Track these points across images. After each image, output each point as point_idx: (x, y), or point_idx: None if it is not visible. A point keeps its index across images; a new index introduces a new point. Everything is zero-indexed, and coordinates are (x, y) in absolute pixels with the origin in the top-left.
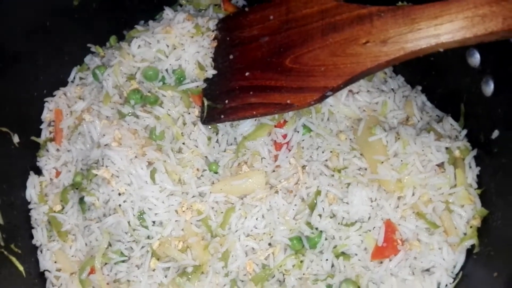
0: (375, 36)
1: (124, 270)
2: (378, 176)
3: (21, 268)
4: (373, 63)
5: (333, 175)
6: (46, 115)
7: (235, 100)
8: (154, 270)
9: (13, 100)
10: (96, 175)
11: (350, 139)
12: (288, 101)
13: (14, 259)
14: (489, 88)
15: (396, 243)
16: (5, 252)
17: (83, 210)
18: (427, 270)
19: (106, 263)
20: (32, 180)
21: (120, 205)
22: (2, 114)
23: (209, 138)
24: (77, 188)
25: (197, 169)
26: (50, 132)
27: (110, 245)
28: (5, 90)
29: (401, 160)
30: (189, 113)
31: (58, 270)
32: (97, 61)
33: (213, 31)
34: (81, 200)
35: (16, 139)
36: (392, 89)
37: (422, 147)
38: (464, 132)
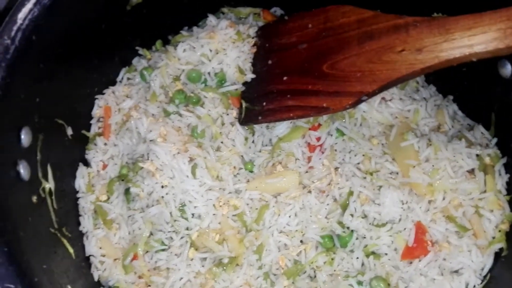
0: (410, 44)
1: (164, 258)
2: (409, 180)
3: (71, 250)
4: (408, 70)
5: (365, 177)
6: (96, 111)
7: (273, 102)
8: (192, 259)
9: (68, 96)
10: (142, 168)
11: (382, 144)
12: (324, 105)
13: (65, 241)
14: None
15: (426, 244)
16: (59, 234)
17: (128, 200)
18: (456, 271)
19: (147, 251)
20: (81, 171)
21: (162, 197)
22: (59, 108)
23: (246, 139)
24: (122, 180)
25: (234, 167)
26: (99, 127)
27: (151, 234)
28: (61, 87)
29: (433, 165)
30: (228, 114)
31: (103, 255)
32: (144, 63)
33: (253, 37)
34: (127, 191)
35: (69, 131)
36: (424, 98)
37: (454, 153)
38: (495, 140)
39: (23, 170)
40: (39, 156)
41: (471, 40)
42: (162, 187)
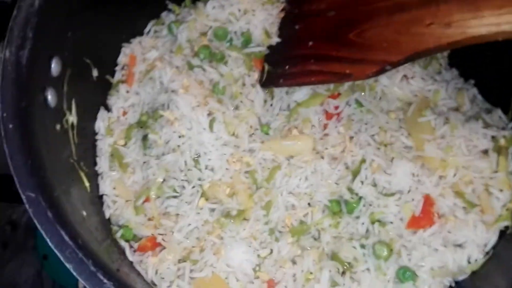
0: (439, 19)
1: (174, 205)
2: (423, 153)
3: (86, 184)
4: (436, 43)
5: (379, 148)
6: (122, 59)
7: (296, 66)
8: (201, 208)
9: (97, 39)
10: (162, 116)
11: (400, 119)
12: (347, 71)
13: (82, 174)
14: None
15: (432, 216)
16: (77, 166)
17: (145, 146)
18: (459, 245)
19: (159, 196)
20: (102, 114)
21: (179, 146)
22: (87, 48)
23: (265, 101)
24: (141, 127)
25: (251, 126)
26: (123, 75)
27: (164, 180)
28: (92, 28)
29: (447, 142)
30: (249, 76)
31: (116, 195)
32: (172, 18)
33: (282, 2)
34: (144, 137)
35: (95, 73)
36: (446, 80)
37: (470, 132)
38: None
39: (51, 96)
40: (66, 88)
41: (499, 18)
42: (180, 136)
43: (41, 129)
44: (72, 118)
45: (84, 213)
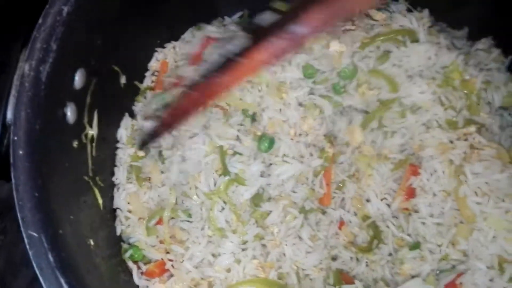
0: None
1: (186, 228)
2: None
3: (100, 201)
4: None
5: None
6: (153, 64)
7: None
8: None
9: (129, 43)
10: None
11: None
12: None
13: (96, 191)
14: None
15: None
16: (91, 183)
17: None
18: None
19: (172, 218)
20: (126, 121)
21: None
22: (117, 54)
23: None
24: None
25: None
26: (152, 81)
27: (177, 203)
28: (125, 33)
29: None
30: None
31: (129, 211)
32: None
33: None
34: (160, 153)
35: (123, 80)
36: None
37: None
38: None
39: (70, 112)
40: (89, 100)
41: None
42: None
43: (56, 150)
44: (92, 131)
45: (92, 242)
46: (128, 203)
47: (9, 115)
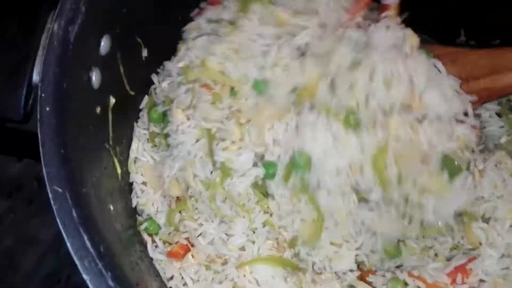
0: None
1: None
2: None
3: (119, 170)
4: None
5: None
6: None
7: None
8: None
9: (153, 16)
10: None
11: None
12: None
13: (116, 161)
14: None
15: None
16: (111, 151)
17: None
18: None
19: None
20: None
21: None
22: (142, 26)
23: None
24: None
25: None
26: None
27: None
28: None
29: None
30: None
31: (143, 183)
32: None
33: None
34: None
35: (145, 53)
36: None
37: None
38: None
39: (95, 77)
40: (113, 67)
41: None
42: None
43: (81, 112)
44: (114, 99)
45: (111, 207)
46: (142, 175)
47: (35, 76)
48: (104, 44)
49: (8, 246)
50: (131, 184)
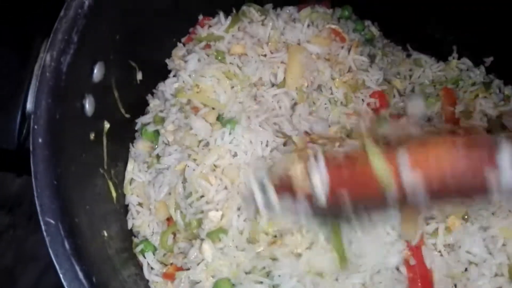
0: None
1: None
2: None
3: (114, 194)
4: None
5: None
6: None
7: None
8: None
9: (148, 40)
10: None
11: None
12: None
13: (111, 184)
14: None
15: None
16: (106, 176)
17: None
18: None
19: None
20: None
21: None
22: (135, 50)
23: None
24: None
25: None
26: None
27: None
28: (144, 28)
29: None
30: None
31: (139, 204)
32: None
33: None
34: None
35: (139, 76)
36: None
37: None
38: None
39: (89, 104)
40: (106, 94)
41: None
42: None
43: (74, 141)
44: (108, 124)
45: (105, 232)
46: (137, 196)
47: (29, 105)
48: (97, 71)
49: (8, 262)
50: (127, 206)
